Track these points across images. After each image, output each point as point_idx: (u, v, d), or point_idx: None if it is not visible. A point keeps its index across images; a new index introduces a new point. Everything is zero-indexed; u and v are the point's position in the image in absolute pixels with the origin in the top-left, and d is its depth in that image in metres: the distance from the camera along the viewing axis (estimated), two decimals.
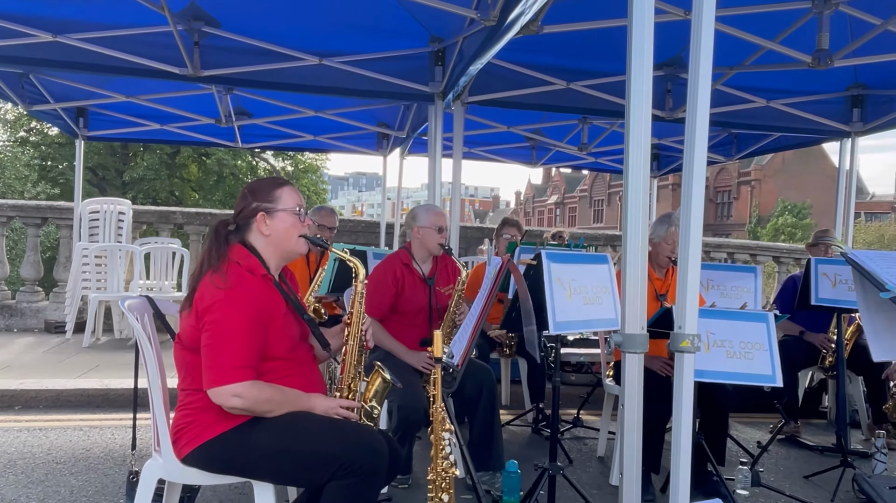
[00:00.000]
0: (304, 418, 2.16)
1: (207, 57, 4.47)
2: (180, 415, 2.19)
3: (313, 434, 2.12)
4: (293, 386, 2.20)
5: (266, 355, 2.15)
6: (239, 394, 2.05)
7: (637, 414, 1.81)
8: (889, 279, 2.05)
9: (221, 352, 2.05)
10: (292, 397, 2.18)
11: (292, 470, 2.13)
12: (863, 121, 5.47)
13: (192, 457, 2.16)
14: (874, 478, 3.58)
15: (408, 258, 3.56)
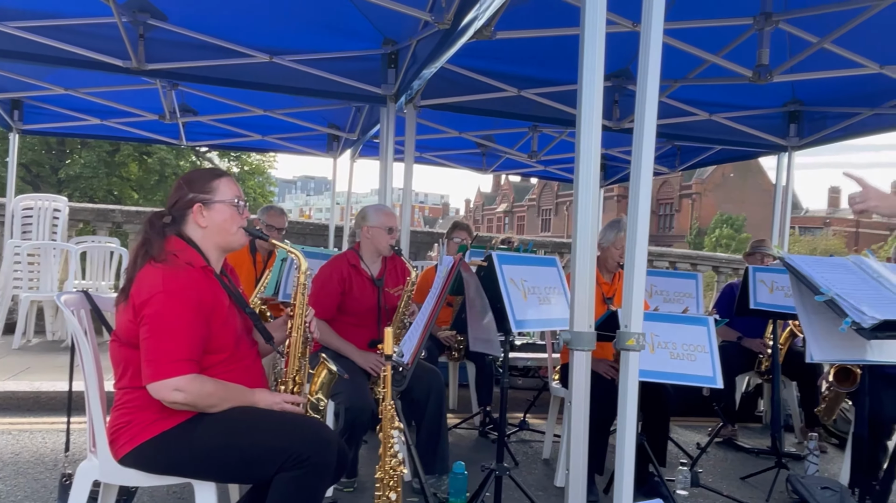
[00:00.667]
0: (249, 412, 2.11)
1: (152, 50, 4.35)
2: (117, 415, 2.11)
3: (259, 428, 2.07)
4: (236, 380, 2.15)
5: (208, 349, 2.10)
6: (180, 388, 1.99)
7: (584, 410, 1.83)
8: (823, 283, 2.15)
9: (161, 346, 1.99)
10: (236, 392, 2.12)
11: (238, 466, 2.08)
12: (799, 136, 5.71)
13: (130, 457, 2.08)
14: (807, 479, 3.71)
15: (356, 259, 3.53)
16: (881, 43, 4.06)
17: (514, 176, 61.84)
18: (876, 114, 5.02)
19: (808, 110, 5.52)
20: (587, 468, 3.45)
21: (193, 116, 6.38)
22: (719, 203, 49.24)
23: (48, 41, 4.20)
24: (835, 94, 5.14)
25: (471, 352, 4.89)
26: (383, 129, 4.67)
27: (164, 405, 2.03)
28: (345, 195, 8.06)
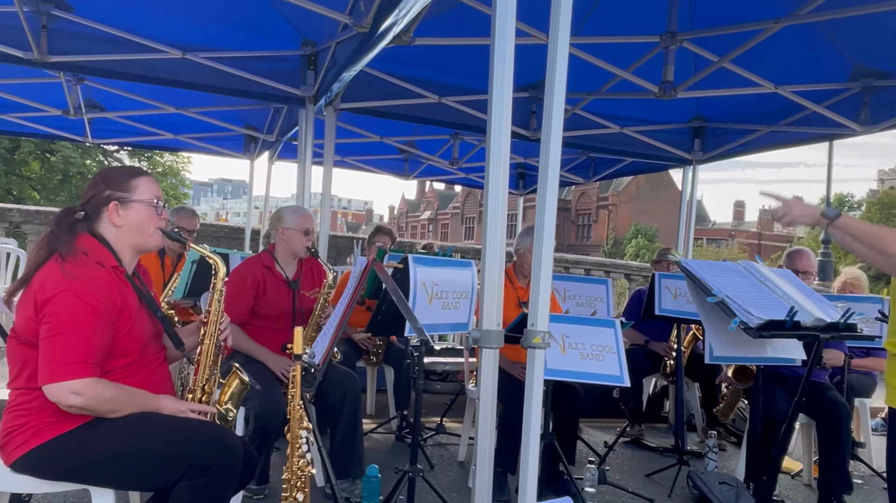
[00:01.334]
0: (150, 418, 2.04)
1: (56, 42, 4.15)
2: (10, 417, 1.99)
3: (160, 434, 2.01)
4: (140, 386, 2.08)
5: (113, 352, 2.02)
6: (78, 392, 1.90)
7: (491, 407, 1.88)
8: (715, 286, 2.28)
9: (61, 346, 1.90)
10: (139, 397, 2.05)
11: (138, 472, 2.00)
12: (702, 150, 6.04)
13: (22, 462, 1.97)
14: (706, 475, 3.91)
15: (270, 260, 3.47)
16: (776, 64, 4.35)
17: (438, 183, 62.25)
18: (773, 131, 5.36)
19: (710, 126, 5.84)
20: (502, 467, 3.56)
21: (100, 113, 6.10)
22: (634, 214, 51.25)
23: None
24: (735, 112, 5.46)
25: (389, 357, 4.90)
26: (302, 131, 4.62)
27: (60, 407, 1.93)
28: (263, 199, 7.90)
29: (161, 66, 4.46)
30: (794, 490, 4.22)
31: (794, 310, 2.20)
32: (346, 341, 4.59)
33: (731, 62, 4.24)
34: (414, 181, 40.81)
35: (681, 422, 4.54)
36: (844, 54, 4.21)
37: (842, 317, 2.29)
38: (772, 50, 4.08)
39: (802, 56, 4.24)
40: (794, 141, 5.48)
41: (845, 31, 3.94)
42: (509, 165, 6.82)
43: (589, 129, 5.78)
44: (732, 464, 4.57)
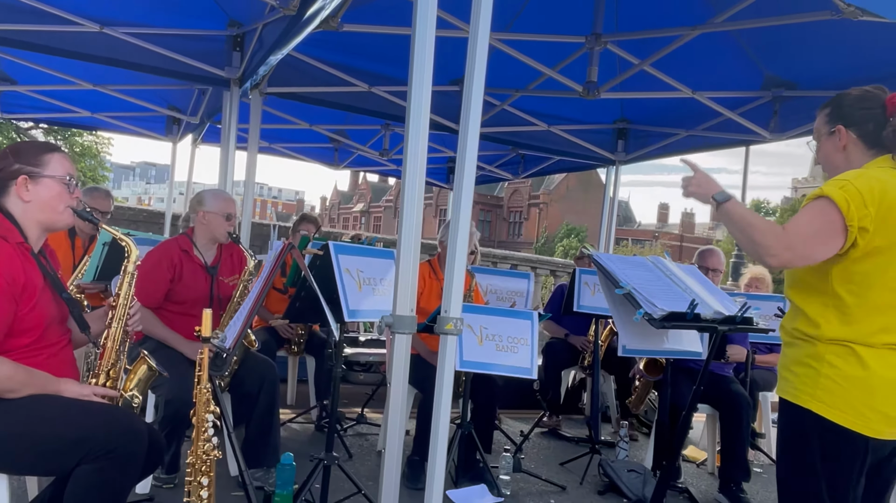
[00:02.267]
0: (49, 400, 1.96)
1: None
2: None
3: (58, 416, 1.93)
4: (41, 367, 2.00)
5: (13, 331, 1.93)
6: None
7: (402, 392, 1.89)
8: (623, 278, 2.38)
9: None
10: (39, 379, 1.97)
11: (34, 456, 1.92)
12: (625, 151, 6.24)
13: None
14: (616, 463, 4.06)
15: (188, 244, 3.38)
16: (694, 70, 4.54)
17: (372, 175, 61.81)
18: (691, 135, 5.59)
19: (633, 128, 6.03)
20: (419, 455, 3.59)
21: (11, 86, 5.78)
22: (564, 213, 52.41)
23: None
24: (656, 115, 5.66)
25: (311, 346, 4.85)
26: (226, 114, 4.50)
27: None
28: (187, 184, 7.65)
29: (77, 39, 4.26)
30: (699, 478, 4.43)
31: (695, 302, 2.31)
32: (267, 330, 4.51)
33: (651, 66, 4.39)
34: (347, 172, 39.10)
35: (596, 413, 4.69)
36: (757, 64, 4.43)
37: (739, 311, 2.43)
38: (690, 56, 4.26)
39: (718, 64, 4.44)
40: (711, 145, 5.73)
41: (758, 42, 4.15)
42: (443, 159, 6.88)
43: (518, 126, 5.88)
44: (642, 454, 4.75)
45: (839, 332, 1.69)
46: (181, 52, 4.39)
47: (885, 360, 1.67)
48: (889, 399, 1.66)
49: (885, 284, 1.68)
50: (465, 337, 3.11)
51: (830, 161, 1.86)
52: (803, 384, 1.73)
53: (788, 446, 1.79)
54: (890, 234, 1.66)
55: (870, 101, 1.81)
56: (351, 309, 2.80)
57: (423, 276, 4.03)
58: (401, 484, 3.55)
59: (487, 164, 7.79)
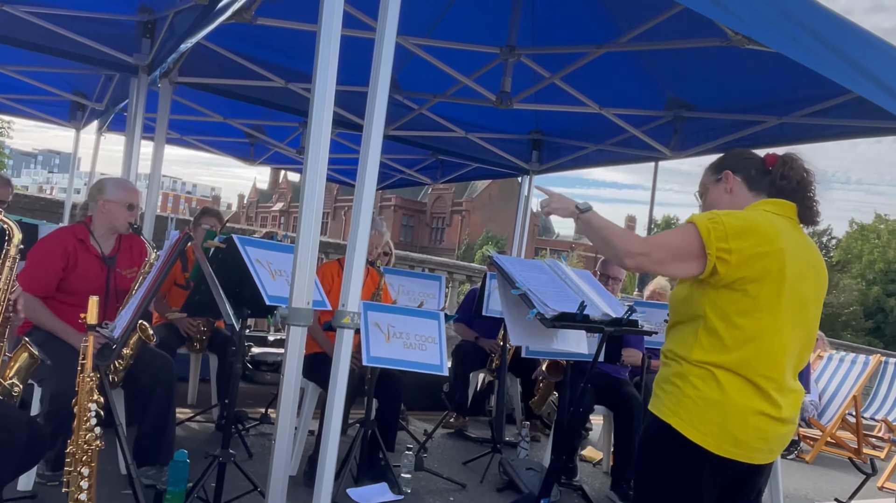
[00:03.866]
0: None
1: None
2: None
3: None
4: None
5: None
6: None
7: (294, 386, 1.91)
8: (520, 279, 2.48)
9: None
10: None
11: None
12: (539, 161, 6.43)
13: None
14: (515, 462, 4.18)
15: (84, 233, 3.25)
16: (601, 87, 4.76)
17: (294, 174, 60.68)
18: (599, 149, 5.82)
19: (547, 139, 6.24)
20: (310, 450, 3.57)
21: None
22: (486, 221, 53.14)
23: None
24: (568, 128, 5.88)
25: (214, 344, 4.73)
26: (132, 102, 4.37)
27: None
28: (94, 173, 7.32)
29: None
30: (594, 477, 4.62)
31: (584, 304, 2.44)
32: (168, 326, 4.38)
33: (562, 80, 4.57)
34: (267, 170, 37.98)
35: (500, 414, 4.81)
36: (660, 85, 4.69)
37: (625, 314, 2.58)
38: (598, 73, 4.46)
39: (624, 82, 4.67)
40: (618, 160, 6.00)
41: (662, 64, 4.40)
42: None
43: (437, 131, 5.96)
44: (543, 453, 4.90)
45: (705, 356, 1.83)
46: (88, 36, 4.23)
47: (741, 388, 1.81)
48: (738, 423, 1.81)
49: (751, 315, 1.82)
50: (372, 334, 3.13)
51: (717, 204, 2.03)
52: (669, 401, 1.86)
53: (647, 455, 1.93)
54: (756, 269, 1.80)
55: (750, 154, 2.06)
56: (270, 294, 2.77)
57: (331, 275, 4.03)
58: (302, 483, 3.60)
59: (407, 168, 7.84)
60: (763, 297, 1.81)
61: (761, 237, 1.81)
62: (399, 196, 54.28)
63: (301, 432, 3.87)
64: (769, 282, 1.81)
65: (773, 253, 1.81)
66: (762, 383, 1.81)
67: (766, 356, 1.82)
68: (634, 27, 3.76)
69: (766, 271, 1.80)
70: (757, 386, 1.81)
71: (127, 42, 4.30)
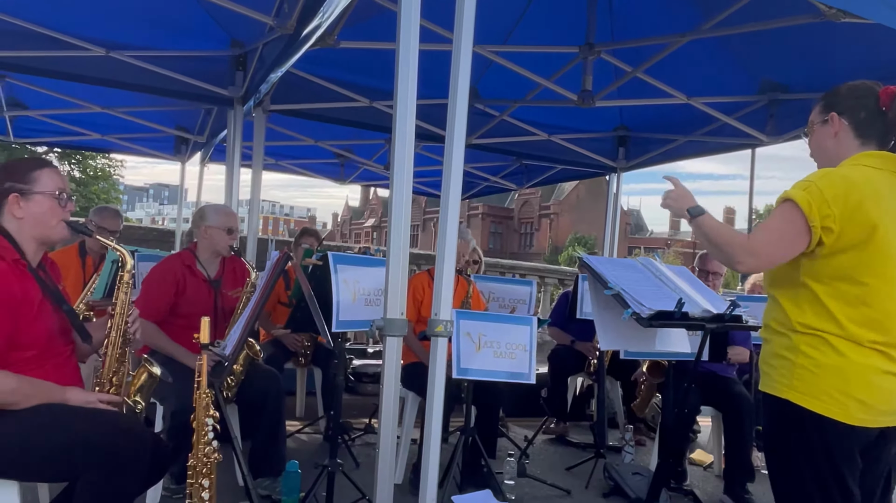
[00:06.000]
0: (53, 408, 2.03)
1: None
2: None
3: (62, 423, 2.00)
4: (47, 378, 2.07)
5: (16, 344, 2.01)
6: None
7: (394, 395, 1.95)
8: (612, 279, 2.43)
9: None
10: (43, 389, 2.04)
11: (41, 462, 1.99)
12: (626, 158, 6.29)
13: None
14: (621, 467, 4.08)
15: (191, 259, 3.46)
16: (687, 76, 4.60)
17: (383, 190, 62.07)
18: (689, 140, 5.63)
19: (633, 135, 6.09)
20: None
21: (23, 111, 5.94)
22: (574, 223, 52.30)
23: None
24: (655, 121, 5.72)
25: (317, 358, 4.91)
26: (230, 132, 4.62)
27: None
28: (200, 202, 7.79)
29: (84, 63, 4.40)
30: (705, 481, 4.44)
31: (683, 301, 2.36)
32: (274, 343, 4.59)
33: (645, 73, 4.46)
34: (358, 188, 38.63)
35: (602, 418, 4.71)
36: (751, 69, 4.49)
37: (727, 310, 2.47)
38: (683, 63, 4.32)
39: (711, 69, 4.50)
40: (710, 150, 5.78)
41: (750, 47, 4.20)
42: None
43: (519, 136, 5.95)
44: (649, 459, 4.76)
45: (812, 322, 1.73)
46: (186, 73, 4.52)
47: (857, 349, 1.70)
48: (863, 386, 1.69)
49: (854, 279, 1.72)
50: (463, 344, 3.15)
51: (822, 148, 1.93)
52: (780, 376, 1.76)
53: (772, 441, 1.83)
54: (856, 232, 1.71)
55: (862, 91, 1.90)
56: (341, 319, 2.86)
57: (423, 285, 4.09)
58: (408, 490, 3.67)
59: (492, 175, 7.87)
60: (867, 261, 1.71)
61: (859, 198, 1.71)
62: (486, 204, 54.34)
63: (404, 441, 3.95)
64: (873, 245, 1.71)
65: (873, 214, 1.70)
66: (878, 346, 1.71)
67: (877, 320, 1.72)
68: (719, 12, 3.62)
69: (867, 234, 1.70)
70: (873, 348, 1.70)
71: (222, 76, 4.56)
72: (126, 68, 4.43)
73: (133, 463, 2.01)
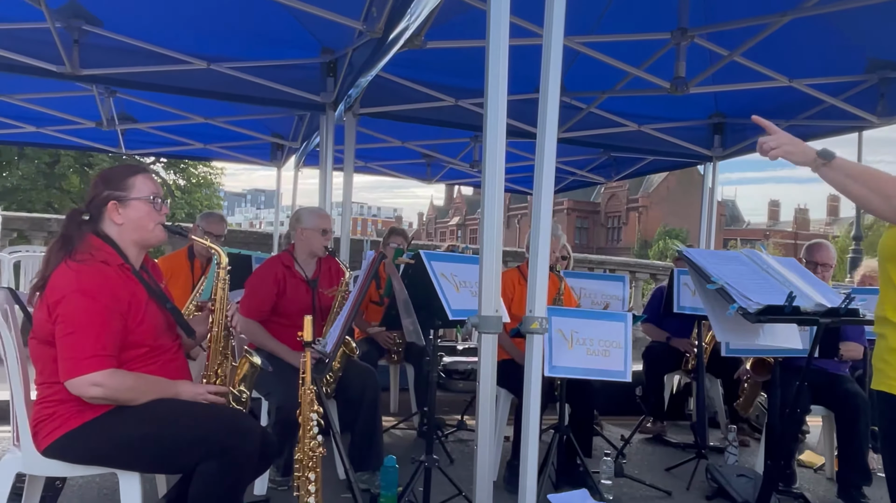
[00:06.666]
0: (168, 403, 2.16)
1: (88, 56, 4.35)
2: (40, 408, 2.14)
3: (178, 418, 2.13)
4: (158, 374, 2.20)
5: (127, 344, 2.14)
6: (98, 383, 2.03)
7: (490, 391, 1.95)
8: (715, 273, 2.33)
9: (76, 343, 2.02)
10: (157, 384, 2.18)
11: (159, 455, 2.13)
12: (722, 146, 6.02)
13: (53, 448, 2.11)
14: (724, 468, 3.92)
15: (290, 260, 3.60)
16: (789, 57, 4.36)
17: (467, 188, 62.30)
18: (792, 125, 5.32)
19: (730, 122, 5.83)
20: (518, 459, 3.62)
21: (133, 124, 6.35)
22: (664, 216, 50.68)
23: None
24: (753, 106, 5.42)
25: (409, 355, 4.99)
26: (322, 136, 4.76)
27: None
28: (295, 206, 8.08)
29: (188, 76, 4.65)
30: (816, 484, 4.20)
31: (793, 295, 2.23)
32: (368, 340, 4.70)
33: (743, 56, 4.26)
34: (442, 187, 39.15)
35: (702, 417, 4.54)
36: (858, 47, 4.20)
37: (843, 303, 2.32)
38: (783, 43, 4.10)
39: (814, 49, 4.25)
40: (816, 134, 5.43)
41: (857, 23, 3.94)
42: (531, 167, 6.82)
43: (607, 128, 5.82)
44: (753, 459, 4.55)
45: None
46: (280, 82, 4.69)
47: None
48: None
49: None
50: (555, 342, 3.11)
51: None
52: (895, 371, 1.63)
53: (888, 441, 1.70)
54: None
55: None
56: (454, 308, 2.88)
57: (512, 283, 4.07)
58: (503, 488, 3.67)
59: (578, 169, 7.74)
60: None
61: None
62: (571, 199, 53.51)
63: (497, 438, 3.95)
64: None
65: None
66: None
67: None
68: None
69: None
70: None
71: (314, 83, 4.70)
72: (226, 80, 4.65)
73: (245, 456, 2.12)
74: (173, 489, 2.37)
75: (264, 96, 4.79)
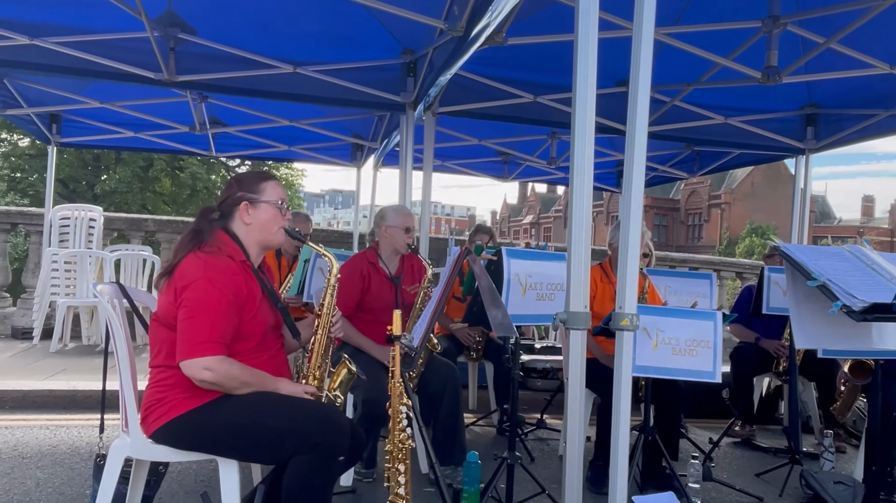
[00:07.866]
0: (269, 396, 2.26)
1: (183, 63, 4.57)
2: (151, 392, 2.28)
3: (278, 411, 2.21)
4: (261, 368, 2.30)
5: (238, 336, 2.25)
6: (210, 368, 2.14)
7: (580, 388, 1.94)
8: (816, 269, 2.22)
9: (196, 327, 2.15)
10: (260, 378, 2.27)
11: (257, 445, 2.22)
12: (816, 138, 5.74)
13: (160, 433, 2.24)
14: (820, 474, 3.74)
15: (374, 257, 3.68)
16: (889, 43, 4.11)
17: (541, 186, 61.73)
18: (892, 115, 5.03)
19: (824, 112, 5.55)
20: (599, 462, 3.58)
21: (222, 128, 6.63)
22: (749, 212, 48.61)
23: (85, 55, 4.44)
24: (850, 96, 5.17)
25: (489, 352, 5.00)
26: (403, 136, 4.83)
27: (194, 384, 2.18)
28: (370, 207, 8.24)
29: (275, 80, 4.81)
30: None
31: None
32: (448, 337, 4.73)
33: (840, 44, 4.05)
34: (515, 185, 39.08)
35: (795, 421, 4.35)
36: None
37: None
38: (884, 28, 3.87)
39: None
40: None
41: None
42: (611, 163, 6.76)
43: (691, 122, 5.65)
44: (851, 466, 4.33)
45: None
46: (362, 83, 4.79)
47: None
48: None
49: None
50: (639, 341, 3.04)
51: None
52: None
53: None
54: None
55: None
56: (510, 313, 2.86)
57: (594, 280, 4.01)
58: (586, 487, 3.62)
59: (660, 165, 7.54)
60: None
61: None
62: (649, 195, 52.07)
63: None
64: None
65: None
66: None
67: None
68: None
69: None
70: None
71: (394, 83, 4.78)
72: (310, 82, 4.78)
73: (337, 450, 2.19)
74: (268, 478, 2.46)
75: (347, 98, 4.90)
